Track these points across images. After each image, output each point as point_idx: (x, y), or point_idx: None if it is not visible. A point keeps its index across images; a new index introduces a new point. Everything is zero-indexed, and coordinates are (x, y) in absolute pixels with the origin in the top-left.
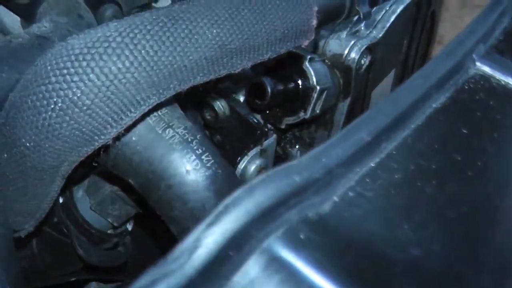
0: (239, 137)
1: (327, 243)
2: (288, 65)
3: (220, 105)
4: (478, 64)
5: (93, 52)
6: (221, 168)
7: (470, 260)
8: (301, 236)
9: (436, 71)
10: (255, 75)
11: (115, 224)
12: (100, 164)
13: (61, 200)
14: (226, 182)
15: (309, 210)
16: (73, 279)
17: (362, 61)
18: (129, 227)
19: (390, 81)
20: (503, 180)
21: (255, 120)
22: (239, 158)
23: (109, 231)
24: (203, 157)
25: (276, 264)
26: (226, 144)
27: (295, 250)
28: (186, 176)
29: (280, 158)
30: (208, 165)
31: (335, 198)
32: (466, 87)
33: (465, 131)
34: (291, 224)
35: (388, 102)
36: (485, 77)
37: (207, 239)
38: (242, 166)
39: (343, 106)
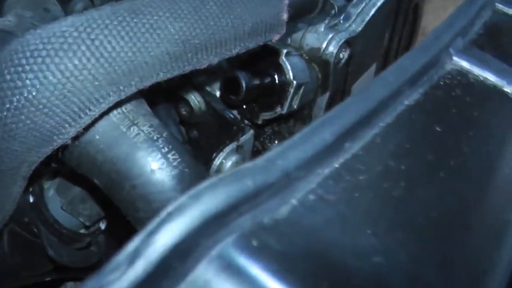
0: (215, 132)
1: (283, 250)
2: (264, 59)
3: (196, 100)
4: (455, 59)
5: (48, 48)
6: (189, 167)
7: (439, 268)
8: (254, 243)
9: (410, 67)
10: (230, 69)
11: (87, 224)
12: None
13: (31, 200)
14: (194, 182)
15: (264, 215)
16: (46, 279)
17: (341, 55)
18: (102, 226)
19: (371, 75)
20: (477, 181)
21: (231, 116)
22: (214, 154)
23: (81, 231)
24: (169, 155)
25: (227, 273)
26: (201, 140)
27: (247, 257)
28: (151, 176)
29: (259, 153)
30: (175, 164)
31: (294, 202)
32: (442, 83)
33: (439, 129)
34: (243, 231)
35: (355, 99)
36: (462, 73)
37: (148, 250)
38: (218, 162)
39: (322, 100)
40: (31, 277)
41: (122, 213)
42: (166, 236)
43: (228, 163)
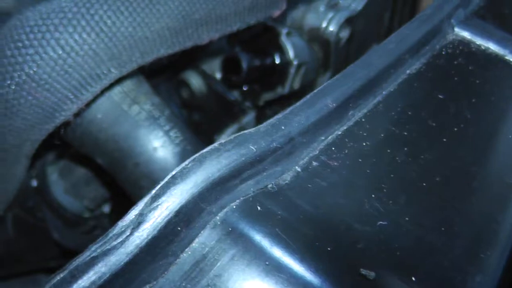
0: (216, 114)
1: (286, 215)
2: (264, 39)
3: (196, 83)
4: (457, 29)
5: (48, 23)
6: (191, 145)
7: (443, 231)
8: (259, 208)
9: (411, 36)
10: (231, 50)
11: (91, 207)
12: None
13: (35, 184)
14: None
15: (267, 181)
16: (52, 265)
17: (341, 34)
18: (106, 209)
19: None
20: (480, 146)
21: (232, 98)
22: (216, 136)
23: (85, 215)
24: (171, 133)
25: (231, 238)
26: (203, 123)
27: (251, 222)
28: (153, 154)
29: None
30: (177, 141)
31: (297, 168)
32: (444, 53)
33: (441, 96)
34: (247, 196)
35: (356, 67)
36: (464, 42)
37: (152, 214)
38: None
39: (323, 80)
40: (37, 262)
41: (127, 193)
42: (170, 200)
43: None
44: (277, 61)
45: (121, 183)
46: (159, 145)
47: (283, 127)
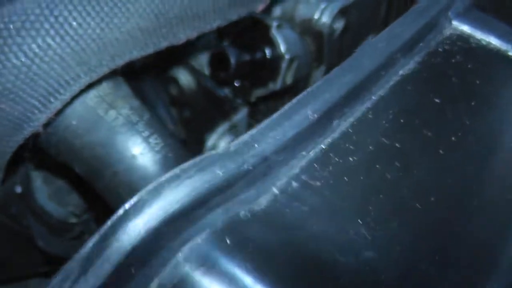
0: (207, 112)
1: (262, 245)
2: (253, 33)
3: (185, 79)
4: (454, 22)
5: (9, 27)
6: (172, 152)
7: (438, 262)
8: (228, 241)
9: (403, 32)
10: (219, 45)
11: (76, 213)
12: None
13: (19, 190)
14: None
15: (239, 208)
16: (40, 271)
17: (335, 26)
18: (92, 214)
19: None
20: (481, 158)
21: (223, 94)
22: (207, 135)
23: (71, 220)
24: (150, 139)
25: (196, 278)
26: (194, 121)
27: (219, 258)
28: (132, 161)
29: None
30: (157, 148)
31: (274, 190)
32: (440, 50)
33: (437, 100)
34: (215, 227)
35: (342, 70)
36: (463, 37)
37: (101, 256)
38: (211, 144)
39: (318, 75)
40: (23, 269)
41: (106, 203)
42: (122, 239)
43: (222, 144)
44: (268, 55)
45: (100, 192)
46: (138, 152)
47: (256, 145)
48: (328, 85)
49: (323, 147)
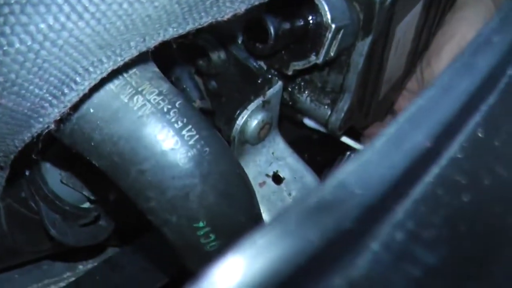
0: (238, 86)
1: None
2: None
3: (214, 48)
4: None
5: (11, 2)
6: (210, 145)
7: None
8: None
9: None
10: (254, 11)
11: (92, 198)
12: None
13: (27, 173)
14: (217, 164)
15: (333, 276)
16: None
17: None
18: (111, 196)
19: (416, 15)
20: None
21: (256, 66)
22: (237, 112)
23: (85, 205)
24: (184, 132)
25: None
26: (222, 95)
27: None
28: (162, 158)
29: (286, 106)
30: (191, 142)
31: (374, 247)
32: None
33: None
34: None
35: (455, 74)
36: None
37: None
38: (242, 122)
39: (363, 46)
40: (34, 254)
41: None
42: None
43: (254, 122)
44: (311, 24)
45: (124, 191)
46: (169, 148)
47: (357, 191)
48: (442, 95)
49: (430, 180)
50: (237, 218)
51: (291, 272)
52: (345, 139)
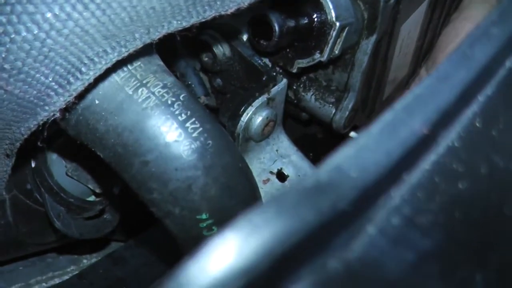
0: (242, 83)
1: None
2: None
3: (219, 45)
4: None
5: None
6: (213, 138)
7: None
8: None
9: None
10: (259, 8)
11: (97, 191)
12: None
13: (33, 164)
14: (220, 156)
15: (328, 258)
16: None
17: None
18: (116, 190)
19: (421, 14)
20: None
21: (261, 63)
22: (242, 109)
23: (90, 198)
24: (187, 124)
25: None
26: (227, 92)
27: None
28: (165, 150)
29: (291, 104)
30: (195, 134)
31: (370, 230)
32: None
33: None
34: None
35: (452, 64)
36: None
37: None
38: (246, 119)
39: (367, 44)
40: (38, 246)
41: (133, 192)
42: None
43: (258, 119)
44: (316, 22)
45: (126, 182)
46: (172, 140)
47: (352, 174)
48: (439, 85)
49: (427, 168)
50: (239, 211)
51: (286, 250)
52: (353, 135)
